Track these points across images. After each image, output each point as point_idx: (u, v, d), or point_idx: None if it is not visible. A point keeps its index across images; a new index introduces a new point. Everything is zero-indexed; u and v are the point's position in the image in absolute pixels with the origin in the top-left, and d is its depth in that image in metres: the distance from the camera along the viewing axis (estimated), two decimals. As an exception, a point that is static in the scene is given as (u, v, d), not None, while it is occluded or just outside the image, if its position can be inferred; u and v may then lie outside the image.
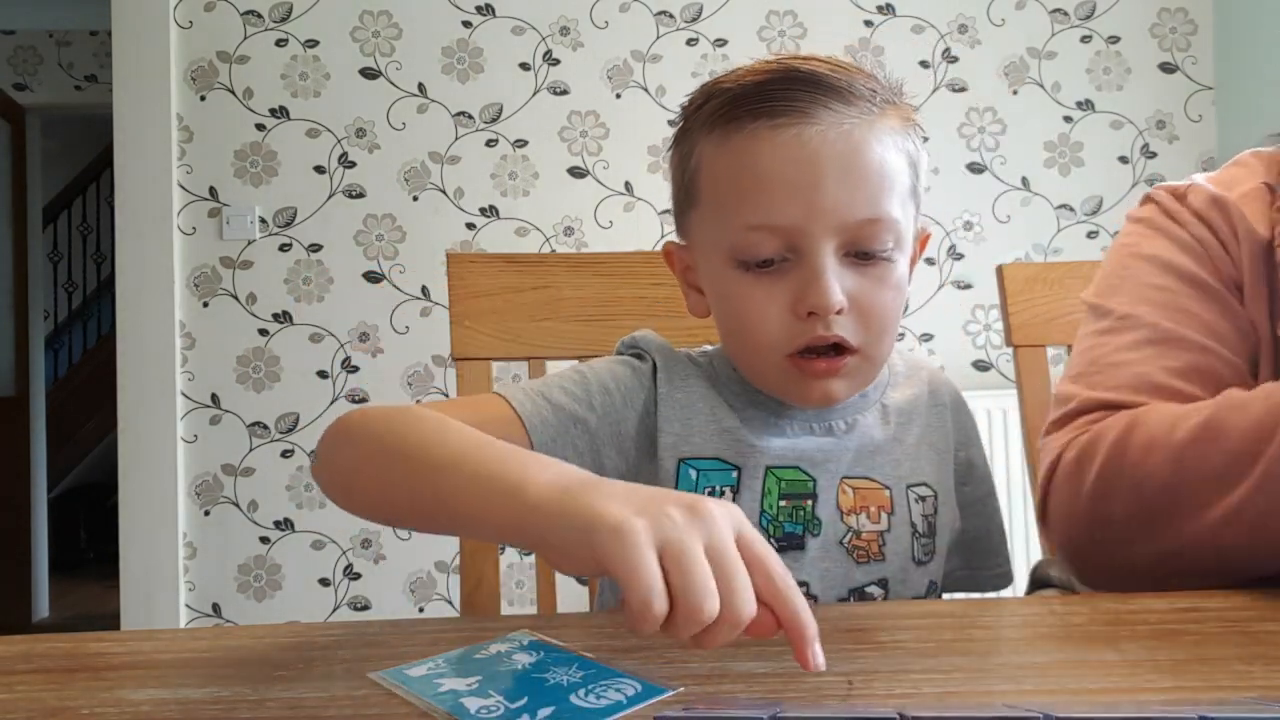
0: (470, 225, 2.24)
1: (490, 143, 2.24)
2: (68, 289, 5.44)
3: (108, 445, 4.79)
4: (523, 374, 2.20)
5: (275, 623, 1.69)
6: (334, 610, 2.18)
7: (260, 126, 2.22)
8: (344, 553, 2.18)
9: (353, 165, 2.22)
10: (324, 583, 2.18)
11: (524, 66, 2.25)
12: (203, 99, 2.21)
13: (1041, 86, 2.31)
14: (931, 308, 2.28)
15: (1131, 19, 2.32)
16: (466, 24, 2.25)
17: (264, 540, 2.17)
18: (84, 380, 5.11)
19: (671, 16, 2.27)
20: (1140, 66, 2.32)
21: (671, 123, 0.73)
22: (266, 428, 2.19)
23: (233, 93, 2.22)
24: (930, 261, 2.28)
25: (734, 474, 0.68)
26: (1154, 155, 2.31)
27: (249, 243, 2.20)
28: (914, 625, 0.54)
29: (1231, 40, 2.29)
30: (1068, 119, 2.31)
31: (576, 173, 2.25)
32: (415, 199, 2.23)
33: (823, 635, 0.41)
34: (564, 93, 2.26)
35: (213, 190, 2.21)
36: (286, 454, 2.19)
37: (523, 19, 2.25)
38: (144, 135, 2.17)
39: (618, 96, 2.26)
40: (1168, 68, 2.33)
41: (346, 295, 2.21)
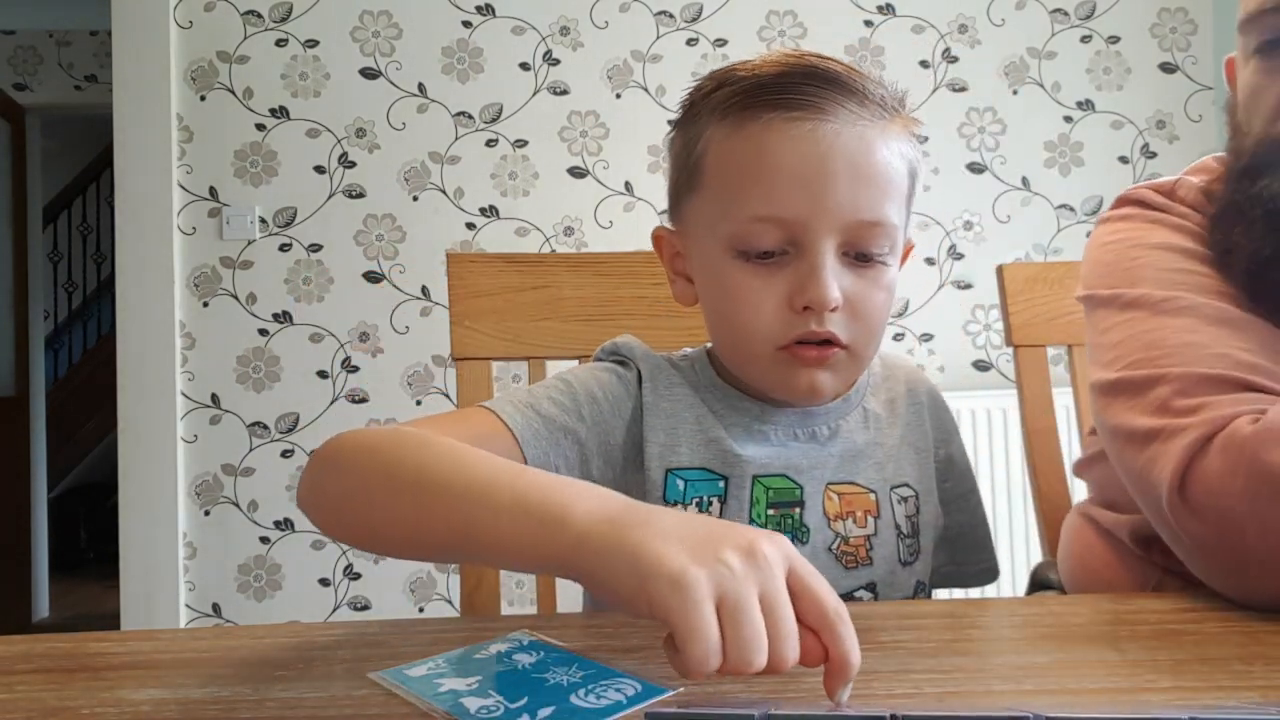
0: (470, 225, 2.23)
1: (490, 143, 2.24)
2: (68, 289, 5.44)
3: (108, 445, 4.78)
4: (523, 374, 2.20)
5: (275, 623, 1.68)
6: (334, 610, 2.18)
7: (260, 126, 2.22)
8: (344, 553, 2.18)
9: (353, 165, 2.22)
10: (324, 583, 2.18)
11: (524, 66, 2.25)
12: (203, 99, 2.21)
13: (1041, 86, 2.31)
14: (931, 308, 2.27)
15: (1131, 19, 2.32)
16: (466, 24, 2.25)
17: (264, 540, 2.17)
18: (84, 380, 5.11)
19: (671, 16, 2.27)
20: (1140, 66, 2.32)
21: (672, 121, 0.72)
22: (266, 428, 2.19)
23: (233, 93, 2.21)
24: (930, 261, 2.27)
25: (721, 484, 0.67)
26: (1154, 155, 2.31)
27: (249, 243, 2.20)
28: (914, 625, 0.54)
29: (1231, 40, 2.28)
30: (1068, 119, 2.31)
31: (576, 173, 2.25)
32: (415, 199, 2.23)
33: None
34: (564, 93, 2.26)
35: (213, 190, 2.21)
36: (286, 454, 2.19)
37: (523, 19, 2.25)
38: (144, 135, 2.17)
39: (618, 96, 2.26)
40: (1168, 68, 2.33)
41: (346, 295, 2.21)
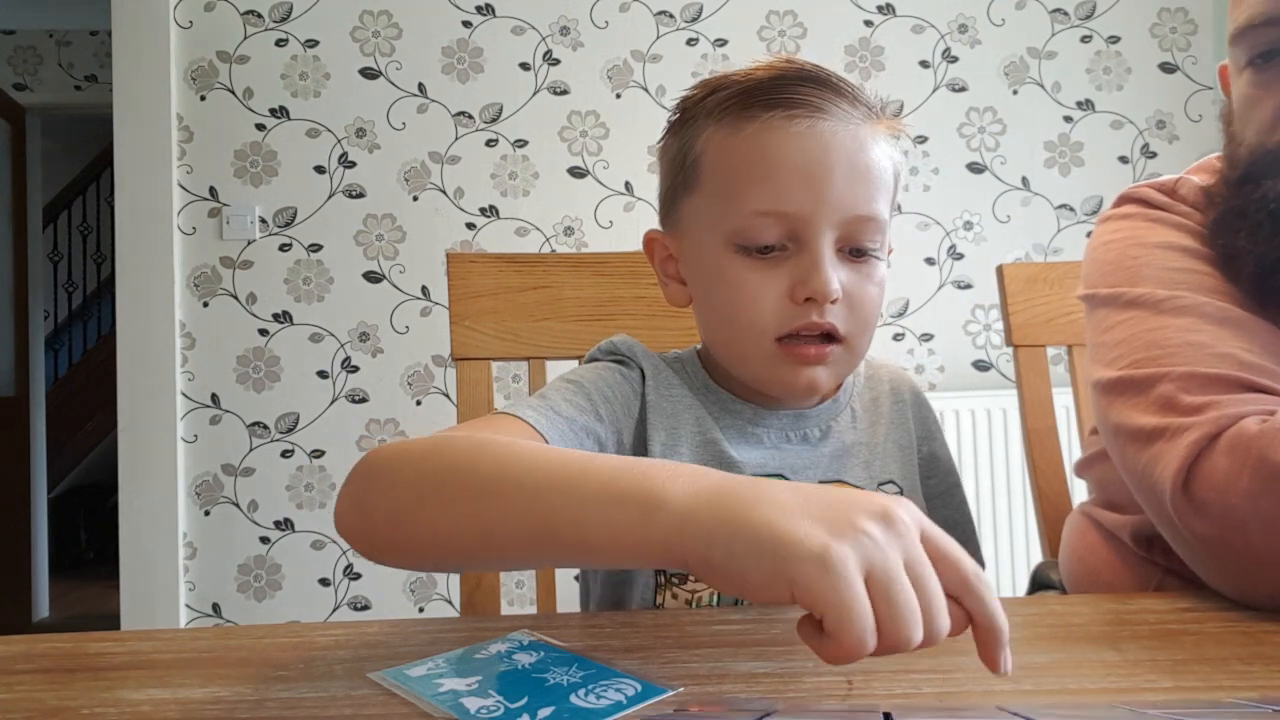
0: (470, 225, 2.23)
1: (490, 143, 2.24)
2: (68, 289, 5.43)
3: (108, 445, 4.78)
4: (523, 374, 2.20)
5: (275, 623, 1.68)
6: (334, 610, 2.18)
7: (260, 126, 2.22)
8: (344, 553, 2.18)
9: (353, 165, 2.22)
10: (324, 583, 2.18)
11: (524, 66, 2.25)
12: (203, 99, 2.21)
13: (1041, 86, 2.31)
14: (931, 308, 2.27)
15: (1131, 19, 2.32)
16: (466, 24, 2.25)
17: (264, 540, 2.17)
18: (84, 380, 5.10)
19: (671, 16, 2.27)
20: (1140, 66, 2.32)
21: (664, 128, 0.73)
22: (266, 428, 2.19)
23: (233, 93, 2.21)
24: (930, 261, 2.27)
25: None
26: (1154, 155, 2.31)
27: (249, 243, 2.20)
28: (914, 625, 0.54)
29: (1231, 40, 2.29)
30: (1068, 119, 2.31)
31: (576, 173, 2.25)
32: (415, 199, 2.23)
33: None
34: (564, 93, 2.25)
35: (213, 190, 2.21)
36: (286, 454, 2.19)
37: (523, 19, 2.25)
38: (144, 135, 2.17)
39: (618, 96, 2.26)
40: (1168, 68, 2.32)
41: (346, 295, 2.21)
